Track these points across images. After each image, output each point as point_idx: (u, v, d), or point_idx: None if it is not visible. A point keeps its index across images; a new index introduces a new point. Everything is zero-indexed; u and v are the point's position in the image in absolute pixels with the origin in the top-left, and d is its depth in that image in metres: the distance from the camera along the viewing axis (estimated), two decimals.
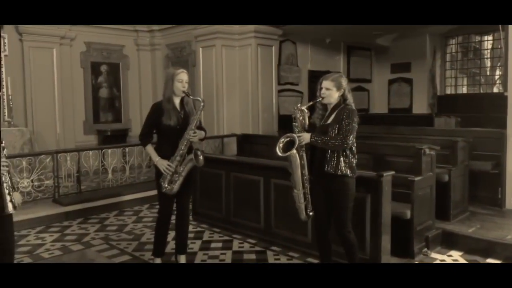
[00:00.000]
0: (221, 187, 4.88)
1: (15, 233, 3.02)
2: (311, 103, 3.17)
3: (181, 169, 3.43)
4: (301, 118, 3.11)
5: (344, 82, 3.12)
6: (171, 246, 4.05)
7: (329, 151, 3.02)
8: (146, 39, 9.03)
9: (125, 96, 8.96)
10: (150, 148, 3.55)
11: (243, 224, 4.63)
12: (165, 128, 3.43)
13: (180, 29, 8.31)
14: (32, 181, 5.51)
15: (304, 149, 3.07)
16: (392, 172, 3.63)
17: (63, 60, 7.89)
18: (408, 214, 3.86)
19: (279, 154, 3.03)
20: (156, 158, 3.46)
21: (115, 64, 8.81)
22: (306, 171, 3.07)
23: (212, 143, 7.37)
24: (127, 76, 8.99)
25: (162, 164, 3.42)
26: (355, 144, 3.09)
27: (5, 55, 7.16)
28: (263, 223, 4.43)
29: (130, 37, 8.92)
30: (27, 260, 4.01)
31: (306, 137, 3.03)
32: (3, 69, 7.08)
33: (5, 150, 2.51)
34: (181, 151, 3.41)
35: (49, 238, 4.64)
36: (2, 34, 7.10)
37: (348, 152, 3.04)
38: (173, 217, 3.74)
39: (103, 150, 6.20)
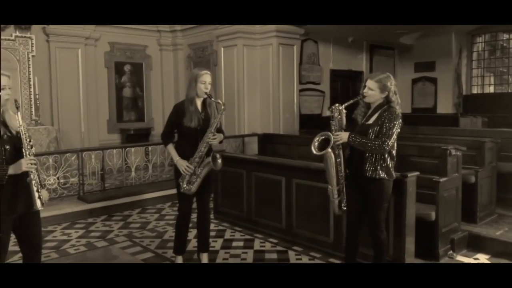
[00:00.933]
0: (242, 186, 4.88)
1: (42, 228, 3.09)
2: (350, 101, 3.09)
3: (199, 170, 3.44)
4: (339, 117, 3.05)
5: (390, 84, 3.02)
6: (193, 244, 4.08)
7: (367, 153, 2.98)
8: (169, 39, 9.12)
9: (147, 95, 9.07)
10: (171, 148, 3.58)
11: (264, 224, 4.62)
12: (186, 129, 3.46)
13: (202, 29, 8.35)
14: (58, 178, 5.64)
15: (340, 147, 3.04)
16: (417, 173, 3.56)
17: (88, 60, 8.03)
18: (433, 215, 3.79)
19: (314, 152, 3.00)
20: (177, 158, 3.49)
21: (138, 64, 8.93)
22: (342, 168, 3.05)
23: (233, 142, 7.39)
24: (150, 76, 9.09)
25: (182, 164, 3.44)
26: (395, 147, 3.04)
27: (33, 56, 7.34)
28: (285, 222, 4.42)
29: (153, 37, 9.02)
30: (53, 255, 4.10)
31: (343, 136, 2.99)
32: (31, 69, 7.27)
33: (33, 148, 2.57)
34: (200, 153, 3.43)
35: (74, 234, 4.74)
36: (30, 35, 7.30)
37: (386, 155, 2.99)
38: (195, 215, 3.77)
39: (127, 149, 6.30)
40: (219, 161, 3.42)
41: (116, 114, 8.66)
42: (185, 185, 3.47)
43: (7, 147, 2.47)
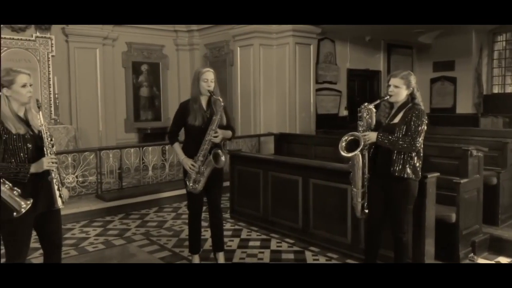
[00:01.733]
0: (258, 186, 4.87)
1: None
2: (378, 101, 3.05)
3: (203, 169, 3.43)
4: (367, 117, 3.01)
5: (413, 80, 3.01)
6: (209, 243, 4.09)
7: (395, 152, 2.93)
8: (185, 39, 9.16)
9: (164, 95, 9.13)
10: (176, 146, 3.59)
11: (281, 224, 4.60)
12: (190, 127, 3.46)
13: (218, 29, 8.37)
14: (76, 177, 5.72)
15: (367, 147, 3.00)
16: (437, 174, 3.50)
17: (106, 60, 8.13)
18: (453, 217, 3.71)
19: (343, 154, 2.94)
20: (182, 157, 3.49)
21: (155, 63, 8.99)
22: (366, 170, 3.01)
23: (249, 141, 7.39)
24: (166, 76, 9.15)
25: (186, 163, 3.45)
26: (422, 146, 2.99)
27: (52, 56, 7.46)
28: (301, 223, 4.39)
29: (169, 37, 9.07)
30: (72, 252, 4.15)
31: (372, 136, 2.94)
32: (50, 69, 7.39)
33: (54, 147, 2.60)
34: (203, 151, 3.41)
35: (92, 232, 4.80)
36: (49, 36, 7.43)
37: (414, 154, 2.95)
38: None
39: (144, 148, 6.35)
40: (223, 158, 3.38)
41: (133, 114, 8.73)
42: (191, 184, 3.48)
43: (29, 145, 2.51)
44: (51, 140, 2.56)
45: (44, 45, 7.37)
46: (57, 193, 2.53)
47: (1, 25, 6.93)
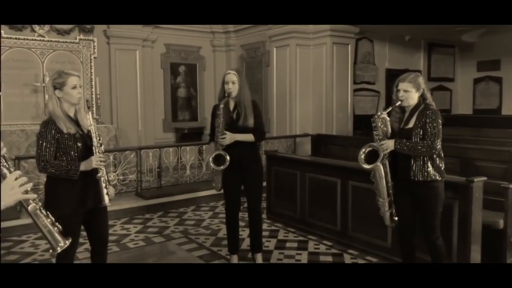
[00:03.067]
0: (295, 187, 4.85)
1: None
2: (389, 108, 2.98)
3: (218, 169, 3.49)
4: (382, 126, 2.95)
5: (422, 81, 2.96)
6: (247, 243, 4.11)
7: (414, 157, 2.86)
8: (222, 40, 9.26)
9: (201, 95, 9.26)
10: (210, 147, 3.66)
11: (318, 225, 4.57)
12: (214, 128, 3.51)
13: (255, 30, 8.40)
14: (117, 175, 5.88)
15: (387, 156, 2.94)
16: (484, 178, 3.37)
17: (145, 61, 8.32)
18: (501, 223, 3.56)
19: (365, 167, 2.89)
20: (210, 158, 3.55)
21: (193, 65, 9.13)
22: (389, 178, 2.95)
23: (284, 142, 7.38)
24: (203, 77, 9.28)
25: (211, 163, 3.50)
26: (440, 146, 2.91)
27: (95, 58, 7.72)
28: (340, 225, 4.34)
29: (206, 38, 9.19)
30: (115, 248, 4.28)
31: (390, 144, 2.88)
32: (93, 70, 7.66)
33: (102, 146, 2.69)
34: (216, 153, 3.46)
35: (133, 229, 4.93)
36: (92, 38, 7.69)
37: (435, 156, 2.87)
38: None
39: (182, 147, 6.46)
40: (227, 159, 3.37)
41: (171, 114, 8.90)
42: (213, 184, 3.63)
43: (79, 144, 2.61)
44: (100, 139, 2.66)
45: (87, 47, 7.64)
46: (104, 190, 2.62)
47: (48, 28, 7.25)
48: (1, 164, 1.44)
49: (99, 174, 2.60)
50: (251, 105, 3.54)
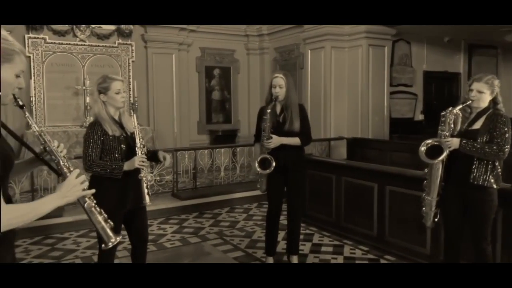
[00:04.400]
0: (331, 191, 4.81)
1: None
2: (461, 105, 2.88)
3: (262, 172, 3.48)
4: (451, 122, 2.84)
5: (497, 85, 2.84)
6: (282, 245, 4.11)
7: (477, 160, 2.78)
8: (256, 43, 9.30)
9: (235, 98, 9.34)
10: (256, 147, 3.68)
11: (354, 230, 4.51)
12: (260, 131, 3.52)
13: (288, 32, 8.39)
14: (154, 175, 6.02)
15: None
16: None
17: (181, 65, 8.47)
18: None
19: (426, 160, 2.78)
20: (255, 162, 3.56)
21: (227, 68, 9.23)
22: (441, 178, 2.87)
23: (319, 145, 7.32)
24: (237, 79, 9.35)
25: (257, 167, 3.51)
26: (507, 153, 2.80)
27: (132, 61, 7.93)
28: (376, 230, 4.27)
29: (240, 41, 9.26)
30: (152, 247, 4.37)
31: (455, 142, 2.78)
32: (131, 74, 7.87)
33: (145, 147, 2.76)
34: (261, 156, 3.46)
35: (169, 229, 5.02)
36: (130, 42, 7.91)
37: (497, 162, 2.78)
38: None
39: (216, 149, 6.53)
40: (272, 163, 3.38)
41: (206, 116, 9.02)
42: (258, 186, 3.63)
43: (123, 146, 2.70)
44: (142, 141, 2.73)
45: (125, 51, 7.86)
46: (145, 190, 2.69)
47: (89, 33, 7.50)
48: (62, 163, 1.53)
49: (141, 174, 2.67)
50: (298, 109, 3.54)
